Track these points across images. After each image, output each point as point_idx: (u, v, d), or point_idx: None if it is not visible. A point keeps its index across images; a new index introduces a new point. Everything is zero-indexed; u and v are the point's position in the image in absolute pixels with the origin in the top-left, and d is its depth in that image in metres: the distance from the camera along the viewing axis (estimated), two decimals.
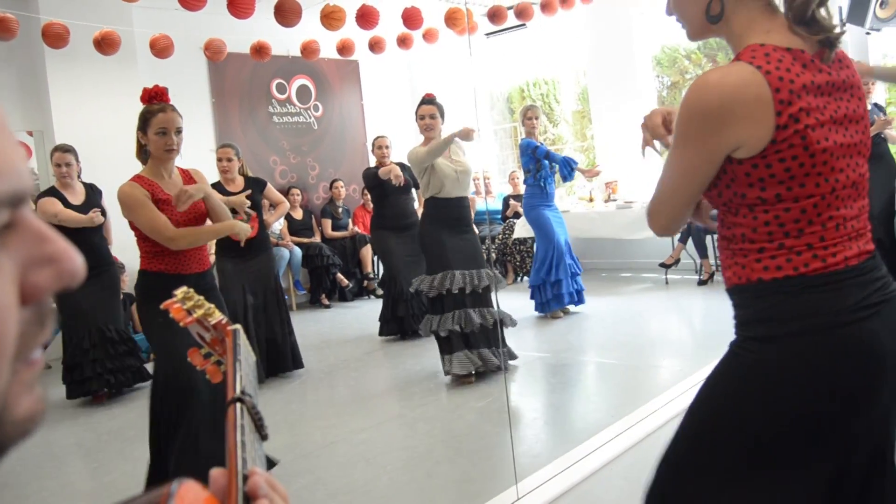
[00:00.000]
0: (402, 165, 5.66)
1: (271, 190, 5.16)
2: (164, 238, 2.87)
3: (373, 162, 6.57)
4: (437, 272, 4.45)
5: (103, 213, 4.87)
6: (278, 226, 7.76)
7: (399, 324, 5.77)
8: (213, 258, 4.13)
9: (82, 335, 4.76)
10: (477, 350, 4.39)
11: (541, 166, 5.90)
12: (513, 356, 4.69)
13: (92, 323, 4.77)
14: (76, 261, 0.42)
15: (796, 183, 1.24)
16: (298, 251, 7.74)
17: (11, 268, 0.39)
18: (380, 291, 6.91)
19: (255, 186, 4.97)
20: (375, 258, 7.89)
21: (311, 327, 6.79)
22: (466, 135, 4.41)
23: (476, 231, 4.83)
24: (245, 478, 0.57)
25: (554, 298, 5.96)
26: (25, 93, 6.51)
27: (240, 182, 5.04)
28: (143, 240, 2.97)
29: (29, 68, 6.49)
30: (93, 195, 4.95)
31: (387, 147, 6.12)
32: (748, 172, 1.25)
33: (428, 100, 4.69)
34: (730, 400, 1.33)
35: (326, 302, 7.80)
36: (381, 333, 5.85)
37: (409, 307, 5.72)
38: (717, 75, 1.24)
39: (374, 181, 5.89)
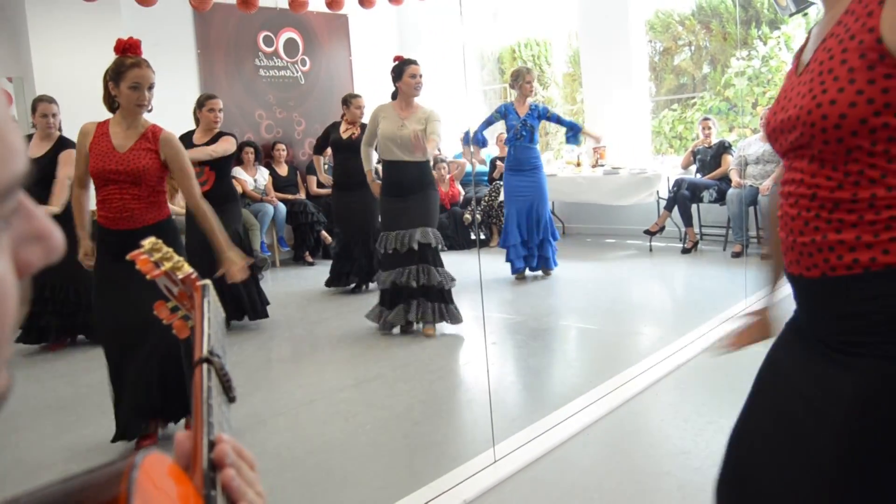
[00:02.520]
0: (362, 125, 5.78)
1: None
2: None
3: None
4: (381, 232, 4.69)
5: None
6: (263, 181, 7.68)
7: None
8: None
9: (42, 286, 4.73)
10: (412, 304, 4.59)
11: (508, 128, 6.00)
12: (456, 319, 4.68)
13: (53, 277, 4.73)
14: (59, 237, 0.42)
15: None
16: (283, 207, 7.67)
17: (8, 245, 0.39)
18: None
19: (220, 139, 4.90)
20: None
21: (294, 284, 6.76)
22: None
23: (430, 192, 4.71)
24: (211, 445, 0.55)
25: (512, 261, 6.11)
26: (5, 38, 6.35)
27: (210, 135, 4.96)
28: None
29: (9, 13, 6.32)
30: (59, 148, 4.74)
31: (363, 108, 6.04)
32: None
33: (414, 60, 4.67)
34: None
35: (310, 259, 7.76)
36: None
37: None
38: None
39: (330, 142, 6.12)
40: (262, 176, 7.72)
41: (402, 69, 4.62)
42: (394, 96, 4.72)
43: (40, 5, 6.07)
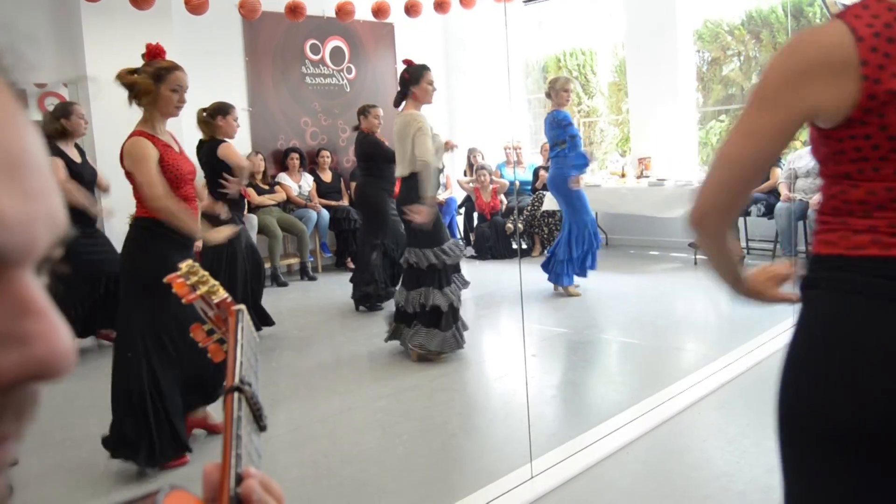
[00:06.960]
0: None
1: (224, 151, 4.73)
2: (154, 195, 2.96)
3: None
4: (433, 246, 4.33)
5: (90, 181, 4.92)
6: (307, 187, 7.77)
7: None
8: None
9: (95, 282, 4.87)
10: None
11: (573, 136, 5.84)
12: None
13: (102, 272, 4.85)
14: (56, 349, 0.33)
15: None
16: (326, 214, 7.74)
17: None
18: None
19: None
20: None
21: (335, 290, 6.80)
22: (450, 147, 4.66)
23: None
24: (238, 478, 0.54)
25: (573, 273, 5.93)
26: (61, 45, 6.53)
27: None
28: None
29: (65, 22, 6.50)
30: (85, 159, 4.98)
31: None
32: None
33: (429, 66, 4.48)
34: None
35: (352, 265, 7.79)
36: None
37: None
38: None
39: (376, 148, 5.94)
40: (307, 182, 7.81)
41: (420, 73, 4.37)
42: (397, 102, 4.50)
43: (95, 14, 6.23)
